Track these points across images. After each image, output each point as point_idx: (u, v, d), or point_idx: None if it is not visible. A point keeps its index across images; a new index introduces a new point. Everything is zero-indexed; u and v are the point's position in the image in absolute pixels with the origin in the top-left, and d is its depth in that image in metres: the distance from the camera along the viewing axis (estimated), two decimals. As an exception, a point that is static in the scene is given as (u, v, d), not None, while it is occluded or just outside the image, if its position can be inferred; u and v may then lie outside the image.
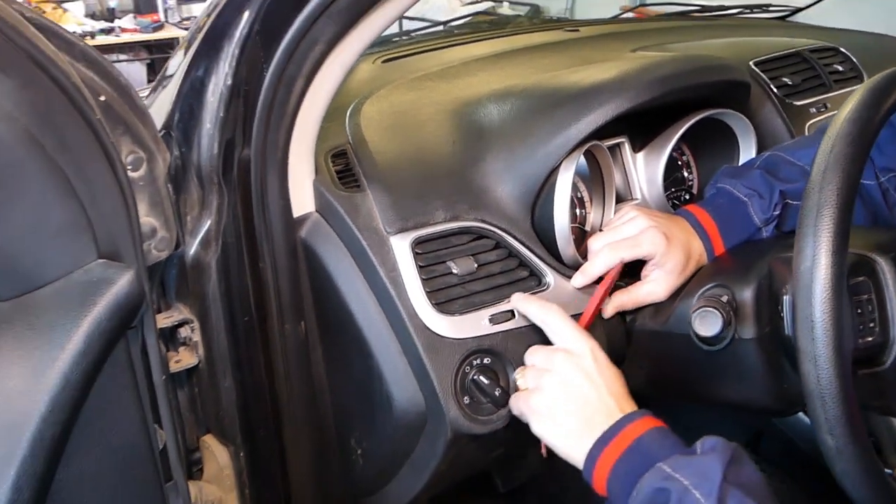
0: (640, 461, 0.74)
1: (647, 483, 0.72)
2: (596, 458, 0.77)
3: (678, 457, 0.73)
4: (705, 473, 0.69)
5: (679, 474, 0.70)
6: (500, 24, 2.20)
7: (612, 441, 0.77)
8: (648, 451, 0.75)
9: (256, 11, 0.75)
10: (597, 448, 0.78)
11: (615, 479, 0.76)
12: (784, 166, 0.99)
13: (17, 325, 0.64)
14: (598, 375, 0.82)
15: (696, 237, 0.96)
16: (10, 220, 0.63)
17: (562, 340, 0.86)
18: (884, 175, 0.96)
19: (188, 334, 0.92)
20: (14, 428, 0.62)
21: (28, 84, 0.61)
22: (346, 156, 0.97)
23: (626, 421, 0.78)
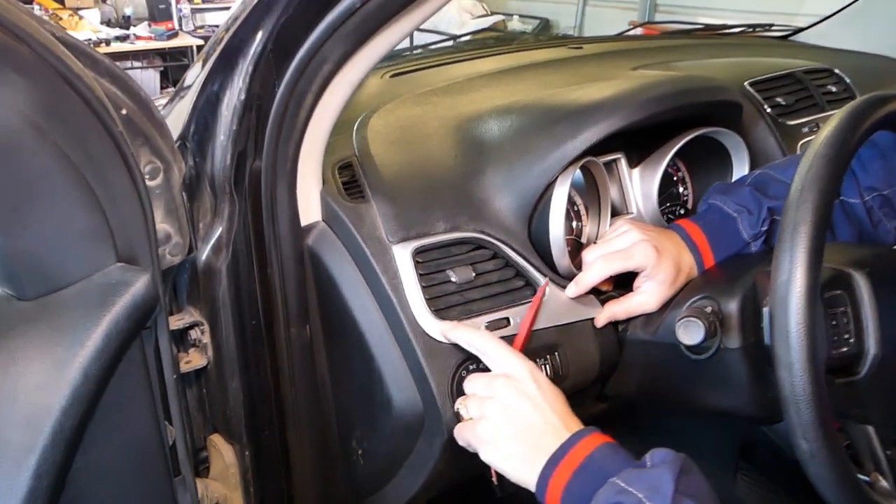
0: (593, 477, 0.75)
1: (602, 498, 0.73)
2: (548, 479, 0.78)
3: (630, 470, 0.73)
4: (657, 486, 0.70)
5: (632, 488, 0.71)
6: (506, 41, 2.24)
7: (562, 460, 0.78)
8: (600, 467, 0.75)
9: (270, 31, 0.79)
10: (548, 468, 0.78)
11: (569, 497, 0.76)
12: (773, 184, 1.03)
13: (41, 324, 0.69)
14: (541, 398, 0.82)
15: (686, 250, 1.00)
16: (37, 225, 0.67)
17: (500, 366, 0.86)
18: (868, 194, 0.99)
19: (198, 336, 0.96)
20: (36, 419, 0.66)
21: (58, 99, 0.65)
22: (352, 168, 1.01)
23: (576, 438, 0.79)
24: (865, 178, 1.00)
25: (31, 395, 0.66)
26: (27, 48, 0.63)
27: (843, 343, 0.79)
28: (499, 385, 0.84)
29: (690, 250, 1.00)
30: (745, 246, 1.01)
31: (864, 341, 0.79)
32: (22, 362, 0.66)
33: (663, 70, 1.41)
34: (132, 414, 0.77)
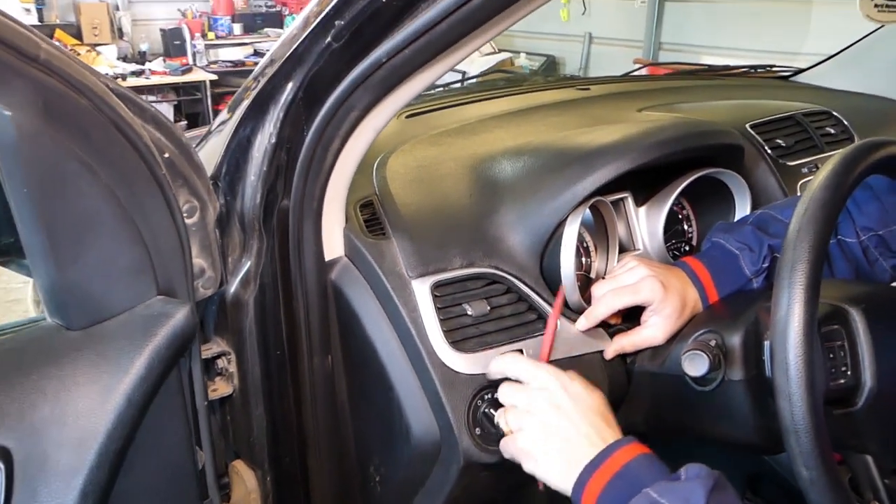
0: (628, 486, 0.78)
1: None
2: (584, 485, 0.81)
3: (664, 482, 0.76)
4: (689, 499, 0.73)
5: (665, 499, 0.73)
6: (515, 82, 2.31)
7: (599, 467, 0.81)
8: (636, 477, 0.79)
9: (301, 81, 0.85)
10: (585, 474, 0.82)
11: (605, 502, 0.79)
12: (773, 223, 1.07)
13: (88, 352, 0.74)
14: (574, 409, 0.86)
15: (691, 286, 1.04)
16: (86, 259, 0.73)
17: (536, 381, 0.90)
18: (864, 234, 1.04)
19: (224, 365, 1.00)
20: (84, 442, 0.71)
21: (110, 144, 0.71)
22: (373, 206, 1.06)
23: (615, 447, 0.82)
24: (861, 219, 1.04)
25: (80, 419, 0.71)
26: (85, 99, 0.68)
27: (840, 375, 0.83)
28: (535, 398, 0.88)
29: (695, 286, 1.04)
30: (748, 282, 1.06)
31: (861, 374, 0.83)
32: (72, 388, 0.71)
33: (668, 112, 1.47)
34: (168, 438, 0.81)
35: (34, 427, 0.69)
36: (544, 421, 0.87)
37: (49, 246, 0.70)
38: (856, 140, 1.51)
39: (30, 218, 0.68)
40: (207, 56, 6.83)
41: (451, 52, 0.81)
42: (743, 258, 1.05)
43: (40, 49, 0.64)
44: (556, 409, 0.87)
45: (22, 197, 0.67)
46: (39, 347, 0.73)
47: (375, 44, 0.80)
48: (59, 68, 0.66)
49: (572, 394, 0.88)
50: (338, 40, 0.80)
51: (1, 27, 0.61)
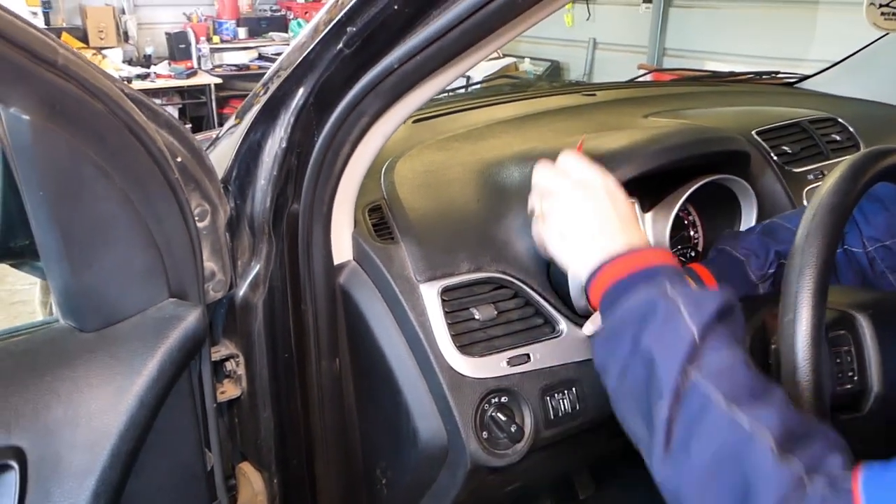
0: (647, 279, 0.77)
1: (643, 292, 0.75)
2: (600, 269, 0.80)
3: (680, 280, 0.76)
4: (701, 304, 0.72)
5: (677, 293, 0.73)
6: (521, 87, 2.32)
7: (623, 257, 0.79)
8: (657, 275, 0.77)
9: (312, 87, 0.86)
10: (608, 260, 0.80)
11: (614, 289, 0.78)
12: (781, 230, 1.08)
13: (101, 354, 0.75)
14: (611, 207, 0.84)
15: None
16: (101, 262, 0.73)
17: (578, 172, 0.88)
18: (871, 244, 1.04)
19: (233, 368, 1.01)
20: (97, 443, 0.72)
21: (124, 148, 0.72)
22: (381, 210, 1.07)
23: (645, 248, 0.81)
24: (868, 229, 1.05)
25: (93, 421, 0.72)
26: (101, 103, 0.69)
27: (847, 381, 0.83)
28: (575, 187, 0.87)
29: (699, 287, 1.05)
30: (754, 287, 1.06)
31: (868, 380, 0.84)
32: (85, 390, 0.72)
33: (674, 118, 1.47)
34: (178, 440, 0.82)
35: (48, 428, 0.70)
36: (580, 209, 0.85)
37: (64, 248, 0.71)
38: (861, 147, 1.52)
39: (45, 220, 0.69)
40: (212, 60, 6.85)
41: (462, 59, 0.82)
42: (749, 264, 1.06)
43: (58, 54, 0.65)
44: (594, 202, 0.85)
45: (38, 200, 0.68)
46: (53, 349, 0.74)
47: (387, 50, 0.81)
48: (75, 73, 0.66)
49: (611, 193, 0.86)
50: (349, 46, 0.81)
51: (21, 33, 0.62)
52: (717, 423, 0.67)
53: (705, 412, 0.68)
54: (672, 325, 0.72)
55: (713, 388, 0.68)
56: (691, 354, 0.70)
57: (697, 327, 0.71)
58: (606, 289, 0.79)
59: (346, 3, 0.79)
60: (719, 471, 0.66)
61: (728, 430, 0.66)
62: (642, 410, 0.73)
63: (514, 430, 0.97)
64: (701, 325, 0.71)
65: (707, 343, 0.71)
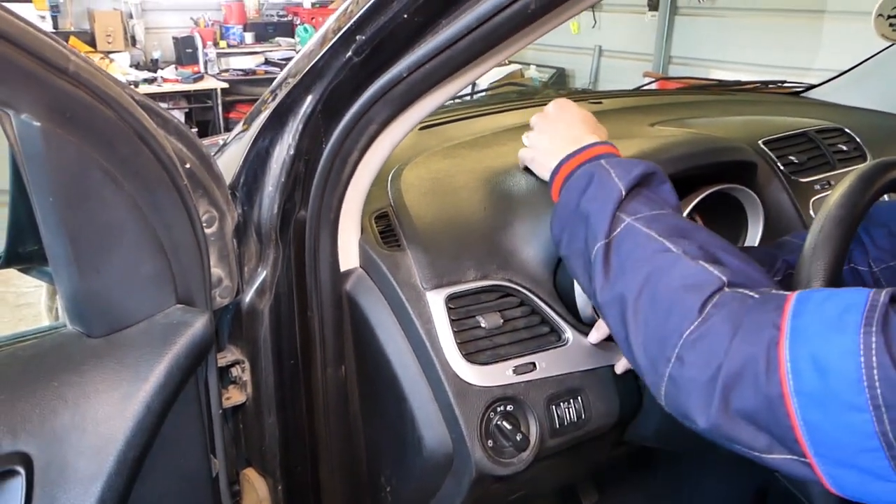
0: (590, 162, 0.92)
1: (584, 169, 0.90)
2: (559, 169, 0.96)
3: (615, 158, 0.92)
4: (628, 169, 0.86)
5: (609, 164, 0.88)
6: (528, 95, 2.32)
7: (574, 157, 0.95)
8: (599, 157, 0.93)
9: (320, 94, 0.86)
10: (562, 161, 0.96)
11: (567, 176, 0.93)
12: (788, 244, 1.08)
13: (109, 360, 0.75)
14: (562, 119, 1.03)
15: None
16: (109, 268, 0.74)
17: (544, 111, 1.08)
18: (877, 265, 1.04)
19: (238, 374, 1.01)
20: (103, 448, 0.72)
21: (133, 154, 0.72)
22: (388, 218, 1.07)
23: (591, 144, 0.96)
24: (875, 251, 1.05)
25: (99, 426, 0.72)
26: (111, 110, 0.70)
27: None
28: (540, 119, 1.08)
29: None
30: None
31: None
32: (92, 395, 0.72)
33: (680, 127, 1.47)
34: (184, 446, 0.82)
35: (55, 433, 0.70)
36: (543, 132, 1.05)
37: (72, 254, 0.71)
38: (868, 157, 1.51)
39: (55, 226, 0.69)
40: (219, 64, 6.88)
41: (471, 68, 0.82)
42: None
43: (69, 61, 0.65)
44: (551, 123, 1.04)
45: (48, 205, 0.68)
46: (60, 354, 0.74)
47: (396, 59, 0.81)
48: (86, 80, 0.67)
49: (562, 109, 1.05)
50: (358, 55, 0.81)
51: (33, 40, 0.62)
52: (648, 249, 0.78)
53: (637, 244, 0.80)
54: (604, 186, 0.86)
55: (644, 226, 0.81)
56: (620, 204, 0.83)
57: (624, 184, 0.84)
58: (563, 179, 0.94)
59: (355, 12, 0.80)
60: (649, 285, 0.75)
61: (659, 254, 0.77)
62: (585, 260, 0.85)
63: (519, 438, 0.97)
64: (628, 183, 0.84)
65: (634, 197, 0.84)
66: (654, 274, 0.75)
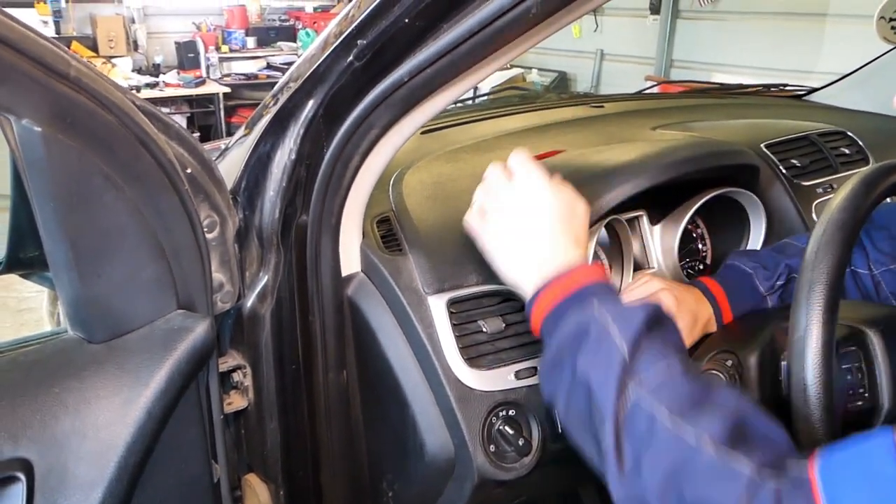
0: (578, 304, 0.79)
1: (575, 316, 0.77)
2: (537, 296, 0.82)
3: (610, 298, 0.78)
4: (629, 319, 0.74)
5: (605, 311, 0.75)
6: (530, 99, 2.32)
7: (556, 281, 0.81)
8: (589, 296, 0.79)
9: (322, 98, 0.86)
10: (542, 285, 0.82)
11: (551, 317, 0.80)
12: (790, 247, 1.09)
13: (110, 365, 0.75)
14: (550, 215, 0.86)
15: (705, 303, 1.05)
16: (110, 273, 0.74)
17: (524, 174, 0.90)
18: (877, 268, 1.04)
19: (240, 379, 1.01)
20: (104, 454, 0.72)
21: (135, 161, 0.72)
22: (390, 222, 1.07)
23: (577, 268, 0.82)
24: (875, 254, 1.05)
25: (100, 432, 0.72)
26: (112, 115, 0.70)
27: (857, 397, 0.83)
28: (520, 189, 0.88)
29: (710, 303, 1.05)
30: (762, 300, 1.06)
31: (878, 396, 0.83)
32: (93, 401, 0.72)
33: (682, 130, 1.47)
34: (185, 452, 0.82)
35: (55, 439, 0.70)
36: (519, 222, 0.87)
37: (73, 259, 0.71)
38: (871, 161, 1.51)
39: (56, 231, 0.69)
40: (221, 69, 6.89)
41: (472, 72, 0.82)
42: (757, 276, 1.06)
43: (70, 66, 0.65)
44: (532, 218, 0.87)
45: (48, 210, 0.68)
46: (61, 360, 0.74)
47: (397, 63, 0.81)
48: (87, 85, 0.67)
49: (556, 198, 0.88)
50: (360, 59, 0.81)
51: (34, 45, 0.62)
52: (664, 440, 0.68)
53: (650, 432, 0.69)
54: (603, 345, 0.74)
55: (654, 402, 0.70)
56: (625, 371, 0.72)
57: (628, 343, 0.72)
58: (544, 318, 0.81)
59: (356, 17, 0.79)
60: (673, 487, 0.66)
61: (675, 447, 0.67)
62: (592, 435, 0.75)
63: (521, 443, 0.96)
64: (630, 341, 0.73)
65: (639, 357, 0.72)
66: (675, 473, 0.66)
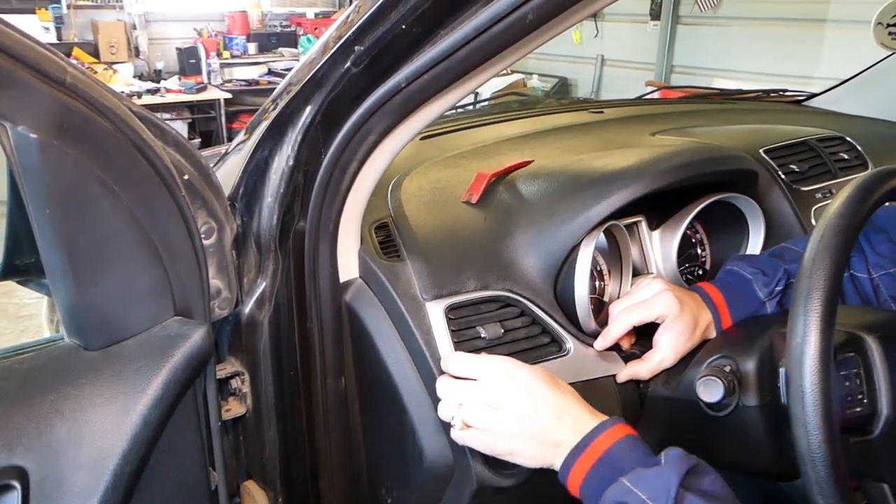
0: (608, 472, 0.78)
1: (609, 497, 0.77)
2: (569, 469, 0.82)
3: (639, 470, 0.77)
4: (663, 485, 0.74)
5: (638, 489, 0.75)
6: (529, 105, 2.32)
7: (584, 452, 0.81)
8: (616, 463, 0.79)
9: (320, 104, 0.86)
10: (571, 458, 0.82)
11: (587, 487, 0.80)
12: (788, 252, 1.09)
13: (106, 373, 0.74)
14: (548, 394, 0.85)
15: (705, 309, 1.04)
16: (106, 281, 0.73)
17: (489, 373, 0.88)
18: (876, 272, 1.04)
19: (238, 385, 1.00)
20: (100, 462, 0.71)
21: (131, 166, 0.72)
22: (388, 228, 1.07)
23: (598, 431, 0.82)
24: (873, 257, 1.05)
25: (96, 440, 0.71)
26: (108, 122, 0.70)
27: (856, 403, 0.83)
28: (500, 390, 0.86)
29: (709, 309, 1.05)
30: (761, 306, 1.06)
31: (877, 402, 0.83)
32: (89, 409, 0.72)
33: (682, 136, 1.47)
34: (183, 459, 0.82)
35: (51, 447, 0.70)
36: (517, 412, 0.85)
37: (70, 266, 0.71)
38: (870, 166, 1.51)
39: (52, 238, 0.69)
40: (222, 74, 6.91)
41: (469, 78, 0.82)
42: (756, 282, 1.06)
43: (66, 73, 0.65)
44: (529, 397, 0.85)
45: (44, 217, 0.68)
46: (58, 367, 0.74)
47: (395, 69, 0.81)
48: (84, 92, 0.67)
49: (539, 379, 0.86)
50: (357, 65, 0.81)
51: (30, 51, 0.62)
52: None
53: None
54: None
55: None
56: None
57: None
58: (580, 485, 0.81)
59: (354, 22, 0.79)
60: None
61: None
62: None
63: (520, 449, 0.96)
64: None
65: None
66: None
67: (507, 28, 0.73)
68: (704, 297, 1.06)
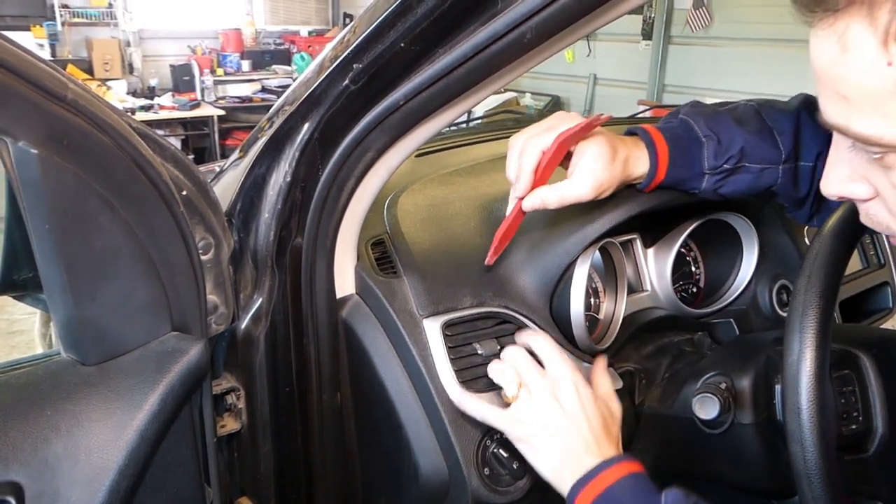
0: None
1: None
2: (576, 495, 0.85)
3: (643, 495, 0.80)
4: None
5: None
6: (523, 122, 2.33)
7: (589, 483, 0.84)
8: (619, 500, 0.82)
9: (317, 121, 0.86)
10: (577, 486, 0.85)
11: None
12: (754, 119, 1.01)
13: (102, 388, 0.74)
14: (580, 413, 0.89)
15: (638, 146, 0.98)
16: (104, 296, 0.73)
17: (553, 369, 0.93)
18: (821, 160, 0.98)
19: (233, 401, 1.00)
20: (96, 478, 0.71)
21: (130, 182, 0.72)
22: (384, 244, 1.07)
23: (604, 466, 0.85)
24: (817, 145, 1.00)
25: (92, 456, 0.71)
26: (108, 137, 0.70)
27: (852, 421, 0.83)
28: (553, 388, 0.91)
29: (648, 152, 0.99)
30: (700, 177, 1.00)
31: (872, 420, 0.83)
32: (85, 424, 0.71)
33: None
34: (178, 475, 0.81)
35: (47, 463, 0.69)
36: (551, 417, 0.89)
37: (68, 281, 0.70)
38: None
39: (50, 253, 0.69)
40: (216, 91, 6.93)
41: (467, 96, 0.83)
42: (707, 147, 0.99)
43: (68, 89, 0.65)
44: (566, 407, 0.89)
45: (43, 232, 0.68)
46: (54, 382, 0.74)
47: (392, 87, 0.81)
48: (84, 108, 0.67)
49: (584, 397, 0.91)
50: (355, 83, 0.81)
51: (32, 68, 0.63)
52: None
53: None
54: None
55: None
56: None
57: None
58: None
59: (352, 41, 0.80)
60: None
61: None
62: None
63: (516, 466, 0.96)
64: None
65: None
66: None
67: (504, 47, 0.74)
68: (647, 140, 0.99)
